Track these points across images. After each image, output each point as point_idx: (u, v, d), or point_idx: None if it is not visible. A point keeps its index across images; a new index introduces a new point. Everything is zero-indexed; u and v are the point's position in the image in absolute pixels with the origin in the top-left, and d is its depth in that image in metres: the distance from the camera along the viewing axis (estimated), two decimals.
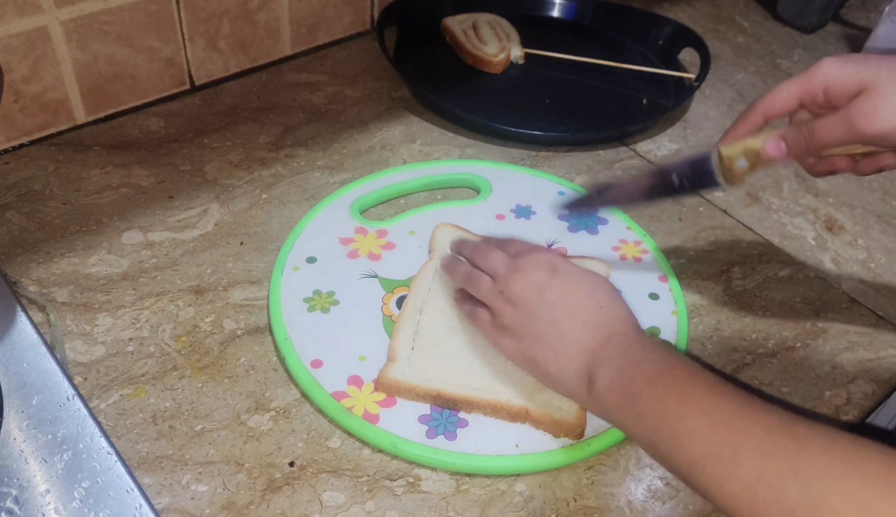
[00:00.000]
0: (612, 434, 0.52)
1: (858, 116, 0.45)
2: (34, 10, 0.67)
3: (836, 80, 0.47)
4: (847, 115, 0.46)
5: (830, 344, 0.63)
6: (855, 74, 0.46)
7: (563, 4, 0.99)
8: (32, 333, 0.56)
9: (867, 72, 0.45)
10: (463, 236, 0.63)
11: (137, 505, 0.47)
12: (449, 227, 0.65)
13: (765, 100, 0.51)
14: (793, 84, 0.49)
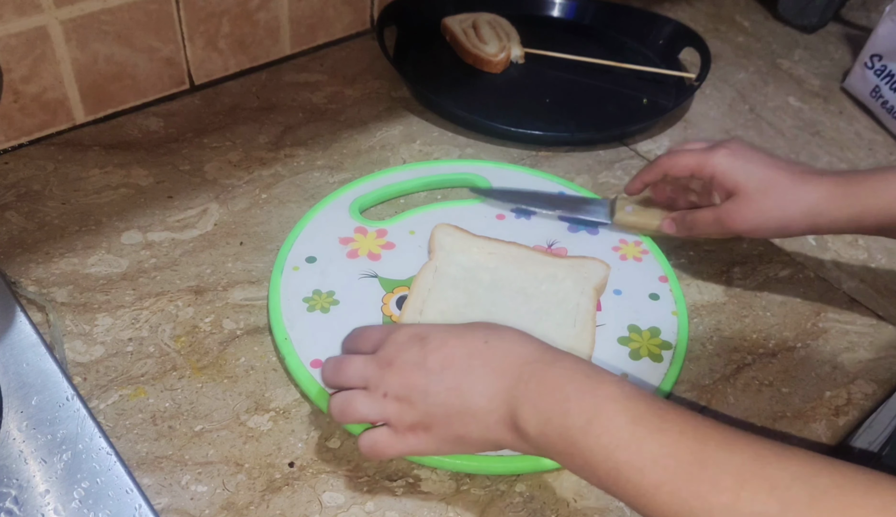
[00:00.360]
0: None
1: (726, 216, 0.58)
2: (34, 10, 0.67)
3: (721, 173, 0.58)
4: (718, 213, 0.59)
5: (831, 344, 0.63)
6: (734, 176, 0.58)
7: (563, 4, 0.99)
8: (32, 333, 0.56)
9: (743, 177, 0.57)
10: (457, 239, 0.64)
11: (137, 505, 0.47)
12: (448, 227, 0.65)
13: (669, 162, 0.62)
14: (692, 160, 0.60)
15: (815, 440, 0.56)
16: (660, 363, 0.58)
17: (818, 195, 0.56)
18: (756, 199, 0.57)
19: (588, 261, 0.63)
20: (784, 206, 0.56)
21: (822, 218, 0.56)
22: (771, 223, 0.57)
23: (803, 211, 0.56)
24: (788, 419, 0.57)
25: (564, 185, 0.73)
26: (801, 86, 0.94)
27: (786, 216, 0.56)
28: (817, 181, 0.56)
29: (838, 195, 0.55)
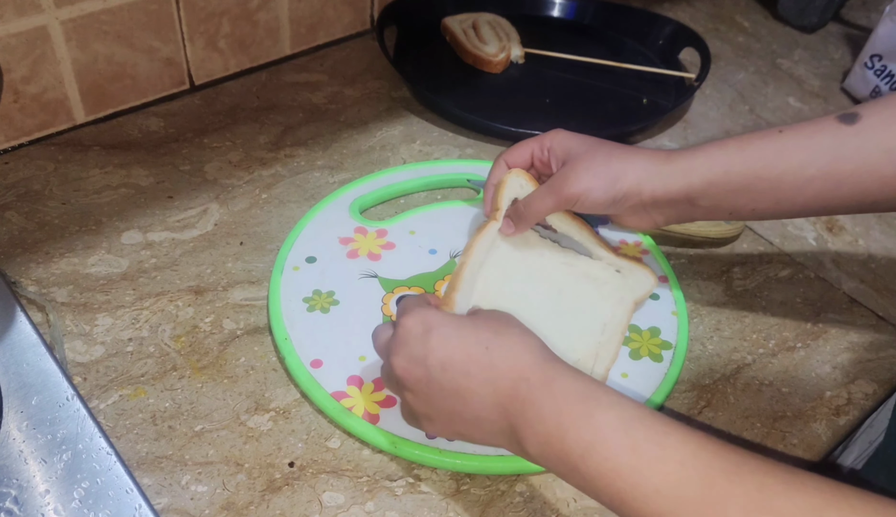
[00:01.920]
0: None
1: (557, 181, 0.56)
2: (34, 10, 0.67)
3: (557, 146, 0.58)
4: (550, 183, 0.57)
5: (831, 344, 0.63)
6: (568, 146, 0.58)
7: (563, 4, 0.99)
8: (32, 333, 0.56)
9: (576, 146, 0.57)
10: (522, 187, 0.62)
11: (137, 505, 0.47)
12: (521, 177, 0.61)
13: (508, 153, 0.61)
14: (530, 143, 0.60)
15: (798, 457, 0.56)
16: (660, 363, 0.58)
17: (649, 157, 0.55)
18: (585, 159, 0.56)
19: (639, 269, 0.61)
20: (612, 164, 0.55)
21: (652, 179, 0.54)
22: (600, 180, 0.55)
23: (634, 170, 0.55)
24: (788, 419, 0.57)
25: None
26: (800, 86, 0.94)
27: (615, 174, 0.55)
28: (650, 151, 0.56)
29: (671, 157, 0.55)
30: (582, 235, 0.62)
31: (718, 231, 0.68)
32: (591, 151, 0.56)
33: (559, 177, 0.56)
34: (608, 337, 0.57)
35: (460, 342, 0.44)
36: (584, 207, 0.56)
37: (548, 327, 0.57)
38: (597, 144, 0.57)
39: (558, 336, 0.56)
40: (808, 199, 0.52)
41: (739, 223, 0.70)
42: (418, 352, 0.45)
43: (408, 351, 0.45)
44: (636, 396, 0.55)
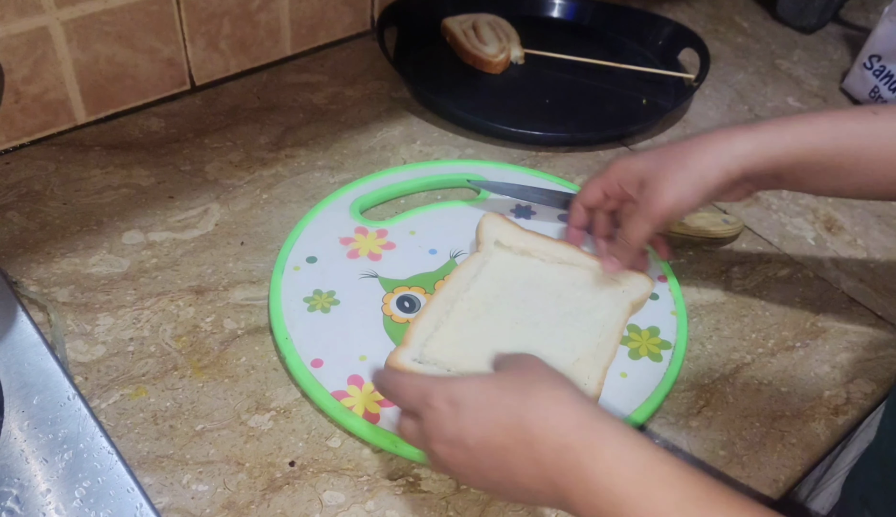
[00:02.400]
0: None
1: (646, 203, 0.55)
2: (35, 11, 0.67)
3: (626, 173, 0.58)
4: (639, 206, 0.56)
5: (830, 344, 0.63)
6: (637, 169, 0.57)
7: (563, 4, 0.99)
8: (33, 333, 0.56)
9: (644, 165, 0.57)
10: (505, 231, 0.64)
11: (138, 504, 0.47)
12: (497, 218, 0.64)
13: (580, 195, 0.62)
14: (596, 181, 0.60)
15: (798, 456, 0.56)
16: (659, 362, 0.58)
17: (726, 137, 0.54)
18: (660, 172, 0.55)
19: (634, 275, 0.62)
20: (690, 164, 0.54)
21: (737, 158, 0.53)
22: (686, 186, 0.54)
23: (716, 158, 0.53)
24: (787, 418, 0.57)
25: (564, 185, 0.73)
26: (800, 86, 0.94)
27: (698, 173, 0.53)
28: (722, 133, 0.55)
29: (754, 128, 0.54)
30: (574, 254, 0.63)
31: (718, 231, 0.69)
32: (663, 162, 0.55)
33: (644, 201, 0.56)
34: (606, 337, 0.57)
35: (491, 415, 0.41)
36: (681, 215, 0.56)
37: (547, 330, 0.57)
38: (664, 153, 0.56)
39: (558, 338, 0.57)
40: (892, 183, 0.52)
41: (739, 223, 0.70)
42: (454, 435, 0.42)
43: (444, 435, 0.42)
44: (636, 396, 0.55)
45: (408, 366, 0.54)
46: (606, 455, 0.38)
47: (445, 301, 0.58)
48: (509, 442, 0.40)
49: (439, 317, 0.57)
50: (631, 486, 0.37)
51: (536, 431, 0.40)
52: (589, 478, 0.38)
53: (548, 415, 0.40)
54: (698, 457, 0.54)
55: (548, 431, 0.40)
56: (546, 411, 0.40)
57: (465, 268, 0.61)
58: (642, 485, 0.37)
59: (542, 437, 0.40)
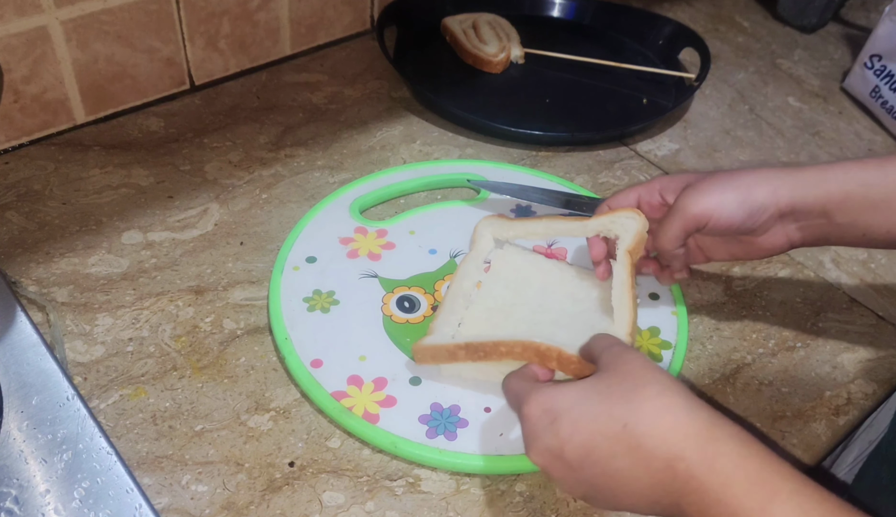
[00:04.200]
0: None
1: (683, 201, 0.52)
2: (34, 10, 0.67)
3: (669, 183, 0.55)
4: (675, 205, 0.53)
5: (830, 344, 0.63)
6: (682, 180, 0.54)
7: (563, 4, 0.99)
8: (32, 333, 0.56)
9: (691, 176, 0.54)
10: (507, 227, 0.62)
11: (137, 505, 0.47)
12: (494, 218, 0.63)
13: (612, 198, 0.58)
14: (636, 188, 0.57)
15: (798, 456, 0.56)
16: (659, 363, 0.58)
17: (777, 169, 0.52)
18: (708, 178, 0.53)
19: (619, 217, 0.56)
20: (739, 178, 0.52)
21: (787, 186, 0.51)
22: (732, 193, 0.51)
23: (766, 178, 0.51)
24: (788, 419, 0.57)
25: (564, 185, 0.73)
26: (800, 86, 0.94)
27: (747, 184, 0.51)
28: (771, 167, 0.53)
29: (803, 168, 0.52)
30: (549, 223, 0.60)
31: None
32: (712, 174, 0.53)
33: (683, 197, 0.52)
34: (618, 298, 0.54)
35: (593, 423, 0.40)
36: (717, 226, 0.52)
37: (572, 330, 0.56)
38: (714, 171, 0.54)
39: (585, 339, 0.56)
40: None
41: None
42: (553, 445, 0.41)
43: (541, 445, 0.41)
44: None
45: (434, 343, 0.53)
46: (720, 466, 0.37)
47: (455, 295, 0.58)
48: (618, 449, 0.39)
49: (455, 308, 0.57)
50: (746, 499, 0.36)
51: (646, 440, 0.38)
52: (703, 489, 0.37)
53: (658, 422, 0.39)
54: None
55: (659, 440, 0.38)
56: (656, 419, 0.39)
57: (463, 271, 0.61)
58: (757, 499, 0.36)
59: (652, 446, 0.38)
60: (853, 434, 0.71)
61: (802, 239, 0.53)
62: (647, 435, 0.38)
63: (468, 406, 0.54)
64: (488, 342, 0.51)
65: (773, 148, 0.84)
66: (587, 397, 0.41)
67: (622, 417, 0.39)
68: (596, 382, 0.42)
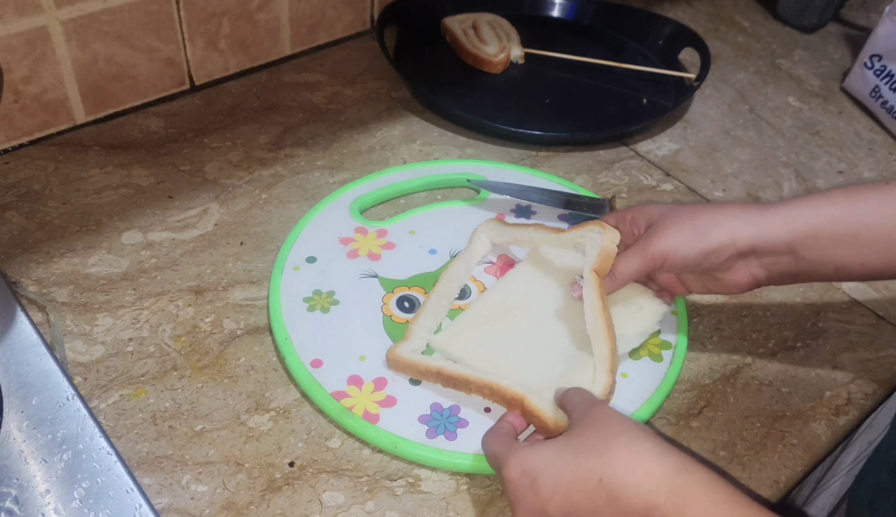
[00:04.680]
0: None
1: (642, 242, 0.54)
2: (34, 10, 0.67)
3: (639, 214, 0.56)
4: (636, 244, 0.54)
5: (830, 344, 0.63)
6: (651, 212, 0.55)
7: (563, 4, 0.99)
8: (32, 333, 0.56)
9: (658, 210, 0.55)
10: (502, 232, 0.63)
11: (137, 505, 0.47)
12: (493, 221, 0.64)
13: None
14: (611, 217, 0.58)
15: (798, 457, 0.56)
16: (660, 363, 0.58)
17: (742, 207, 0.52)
18: (669, 218, 0.54)
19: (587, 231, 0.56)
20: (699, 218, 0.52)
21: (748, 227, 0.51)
22: (687, 234, 0.52)
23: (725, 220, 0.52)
24: (788, 419, 0.57)
25: (564, 185, 0.73)
26: (800, 86, 0.94)
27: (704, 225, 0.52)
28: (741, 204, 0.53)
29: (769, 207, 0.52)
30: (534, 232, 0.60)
31: None
32: (676, 211, 0.54)
33: (644, 237, 0.54)
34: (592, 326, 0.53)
35: (571, 481, 0.41)
36: (673, 265, 0.53)
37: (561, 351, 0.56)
38: (681, 206, 0.55)
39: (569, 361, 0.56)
40: None
41: None
42: (536, 505, 0.42)
43: (525, 506, 0.42)
44: (637, 396, 0.55)
45: (406, 357, 0.54)
46: (691, 513, 0.38)
47: (439, 297, 0.59)
48: (598, 504, 0.40)
49: (436, 312, 0.58)
50: None
51: (621, 493, 0.40)
52: None
53: (631, 472, 0.40)
54: (699, 458, 0.54)
55: (632, 490, 0.39)
56: (628, 469, 0.40)
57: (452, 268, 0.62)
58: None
59: (627, 497, 0.39)
60: (853, 434, 0.71)
61: (768, 276, 0.53)
62: (622, 486, 0.40)
63: (468, 406, 0.54)
64: (460, 376, 0.52)
65: (773, 148, 0.84)
66: (561, 455, 0.42)
67: (596, 471, 0.40)
68: (568, 439, 0.43)
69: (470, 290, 0.62)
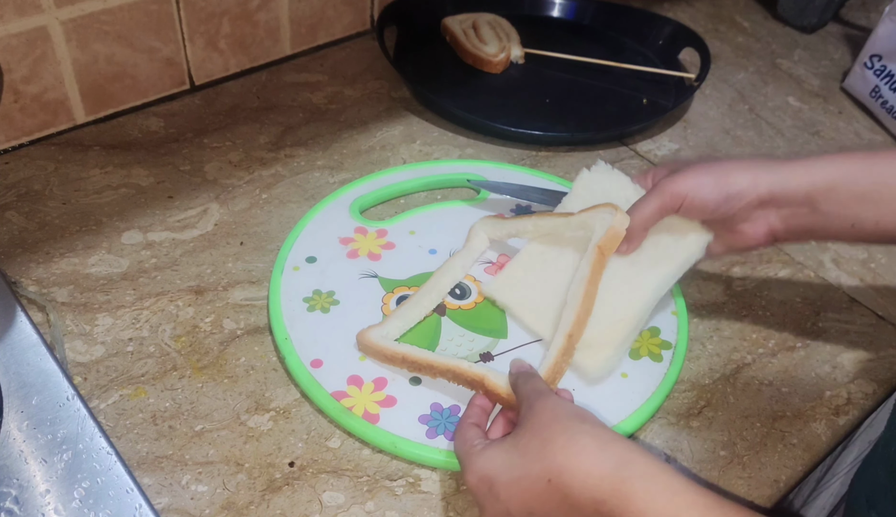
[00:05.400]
0: None
1: (662, 183, 0.53)
2: (34, 10, 0.67)
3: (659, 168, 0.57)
4: (655, 186, 0.54)
5: (830, 344, 0.63)
6: (671, 165, 0.56)
7: (563, 4, 0.99)
8: (32, 333, 0.56)
9: (679, 164, 0.55)
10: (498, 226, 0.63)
11: (137, 505, 0.47)
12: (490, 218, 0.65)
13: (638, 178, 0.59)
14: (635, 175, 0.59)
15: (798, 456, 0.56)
16: (659, 363, 0.58)
17: (763, 160, 0.53)
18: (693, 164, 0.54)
19: (598, 212, 0.56)
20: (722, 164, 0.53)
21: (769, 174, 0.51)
22: (709, 177, 0.52)
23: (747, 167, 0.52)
24: (788, 419, 0.57)
25: (564, 185, 0.73)
26: (800, 86, 0.94)
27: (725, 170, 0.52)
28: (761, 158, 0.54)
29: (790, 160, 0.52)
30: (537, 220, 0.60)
31: None
32: (697, 161, 0.55)
33: (664, 179, 0.54)
34: (572, 293, 0.54)
35: (523, 485, 0.42)
36: (692, 206, 0.53)
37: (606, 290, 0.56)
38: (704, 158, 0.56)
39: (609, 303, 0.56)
40: None
41: None
42: (499, 510, 0.43)
43: (491, 511, 0.44)
44: (636, 396, 0.55)
45: (374, 341, 0.55)
46: (634, 506, 0.39)
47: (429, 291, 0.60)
48: (552, 505, 0.41)
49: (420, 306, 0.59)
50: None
51: (569, 491, 0.41)
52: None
53: (575, 471, 0.41)
54: (699, 458, 0.54)
55: (578, 488, 0.40)
56: (572, 467, 0.41)
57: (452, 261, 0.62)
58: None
59: (576, 495, 0.40)
60: (853, 434, 0.71)
61: (786, 229, 0.54)
62: (569, 485, 0.40)
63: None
64: (423, 361, 0.53)
65: (772, 148, 0.84)
66: (510, 460, 0.43)
67: (544, 474, 0.41)
68: (514, 442, 0.44)
69: (470, 290, 0.62)
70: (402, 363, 0.54)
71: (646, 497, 0.39)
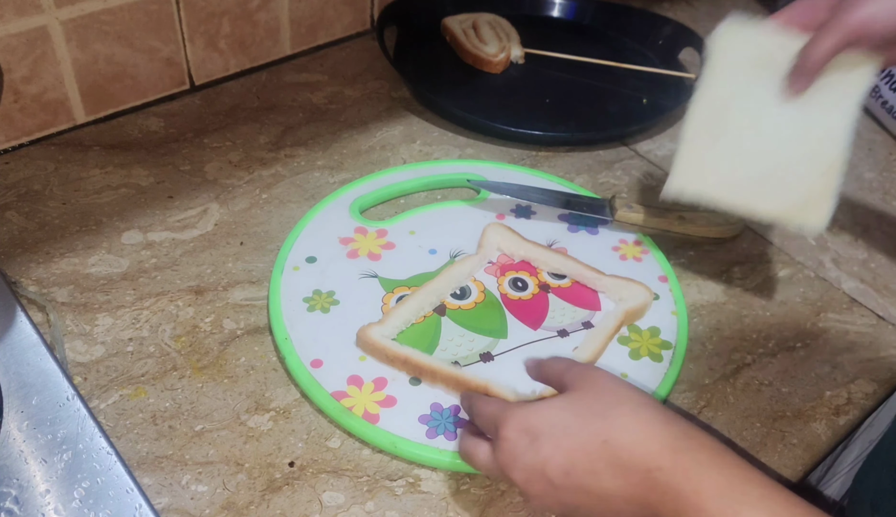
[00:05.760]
0: None
1: (837, 12, 0.50)
2: (34, 10, 0.67)
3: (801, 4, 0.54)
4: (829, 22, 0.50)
5: (831, 344, 0.63)
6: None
7: (563, 4, 0.99)
8: (32, 333, 0.56)
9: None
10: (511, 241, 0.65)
11: (137, 505, 0.47)
12: (501, 227, 0.66)
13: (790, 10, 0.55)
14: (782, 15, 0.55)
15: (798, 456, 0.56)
16: (659, 363, 0.58)
17: None
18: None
19: (633, 284, 0.62)
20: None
21: None
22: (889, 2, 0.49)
23: None
24: (788, 419, 0.57)
25: (564, 185, 0.73)
26: None
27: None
28: None
29: None
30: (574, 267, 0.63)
31: (718, 230, 0.68)
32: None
33: (838, 8, 0.50)
34: (591, 337, 0.58)
35: (574, 442, 0.41)
36: (871, 38, 0.49)
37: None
38: None
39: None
40: None
41: (740, 223, 0.70)
42: (535, 463, 0.42)
43: (522, 464, 0.42)
44: None
45: (376, 340, 0.55)
46: (694, 474, 0.39)
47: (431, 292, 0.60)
48: (598, 466, 0.40)
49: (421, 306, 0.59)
50: (719, 504, 0.38)
51: (625, 454, 0.40)
52: (680, 496, 0.39)
53: (636, 437, 0.40)
54: None
55: (637, 453, 0.40)
56: (634, 434, 0.41)
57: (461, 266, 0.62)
58: (729, 503, 0.38)
59: (630, 459, 0.40)
60: (853, 434, 0.71)
61: None
62: (626, 449, 0.40)
63: None
64: (426, 365, 0.54)
65: None
66: (564, 416, 0.42)
67: (601, 434, 0.41)
68: (571, 401, 0.43)
69: (470, 290, 0.62)
70: (404, 366, 0.54)
71: (705, 469, 0.39)
